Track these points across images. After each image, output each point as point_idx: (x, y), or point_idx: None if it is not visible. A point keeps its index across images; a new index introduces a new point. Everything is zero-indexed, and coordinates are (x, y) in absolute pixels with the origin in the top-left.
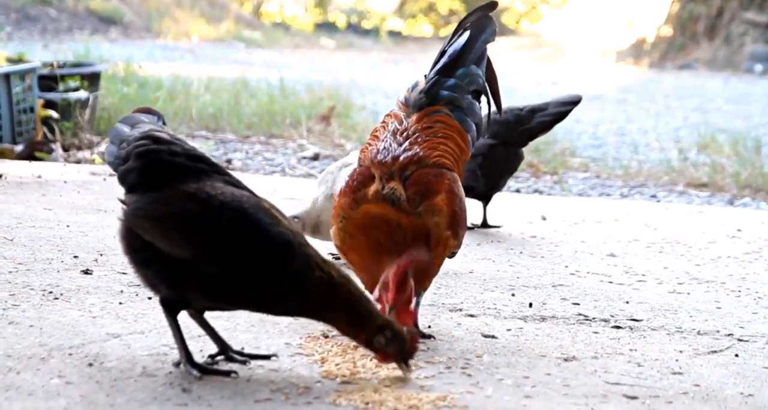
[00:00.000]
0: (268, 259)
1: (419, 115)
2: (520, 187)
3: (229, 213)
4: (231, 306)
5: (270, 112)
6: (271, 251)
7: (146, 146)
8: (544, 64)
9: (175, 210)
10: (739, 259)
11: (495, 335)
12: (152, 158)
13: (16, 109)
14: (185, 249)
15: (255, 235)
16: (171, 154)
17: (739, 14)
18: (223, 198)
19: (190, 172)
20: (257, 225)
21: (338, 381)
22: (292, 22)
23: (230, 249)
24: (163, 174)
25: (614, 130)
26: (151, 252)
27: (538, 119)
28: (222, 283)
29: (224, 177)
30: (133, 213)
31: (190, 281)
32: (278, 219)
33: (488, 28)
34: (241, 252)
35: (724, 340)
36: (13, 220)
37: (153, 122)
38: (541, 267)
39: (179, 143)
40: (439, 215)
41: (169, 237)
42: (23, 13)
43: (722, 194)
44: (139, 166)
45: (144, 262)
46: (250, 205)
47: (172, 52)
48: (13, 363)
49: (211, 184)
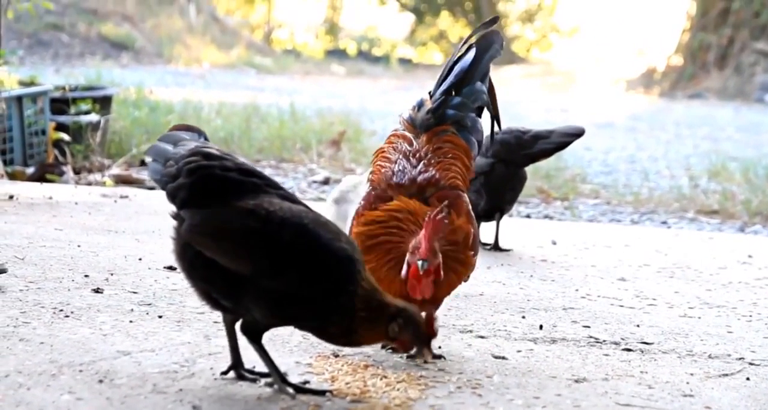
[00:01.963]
0: (329, 275)
1: (428, 135)
2: (530, 213)
3: (291, 229)
4: (292, 323)
5: (281, 136)
6: (334, 267)
7: (197, 162)
8: (555, 92)
9: (235, 227)
10: (750, 285)
11: (505, 356)
12: (204, 174)
13: (28, 131)
14: (247, 265)
15: (316, 251)
16: (223, 170)
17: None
18: (283, 214)
19: (244, 186)
20: (318, 240)
21: (348, 400)
22: (302, 49)
23: (292, 264)
24: (216, 189)
25: (625, 158)
26: (211, 268)
27: (540, 146)
28: (282, 299)
29: (278, 191)
30: (191, 229)
31: (252, 296)
32: (338, 234)
33: (494, 44)
34: (303, 268)
35: (735, 364)
36: (24, 240)
37: (195, 139)
38: (551, 291)
39: (230, 158)
40: (463, 236)
41: (231, 254)
42: (35, 38)
43: (733, 221)
44: (190, 182)
45: (203, 278)
46: (310, 220)
47: (184, 77)
48: (23, 379)
49: (269, 200)
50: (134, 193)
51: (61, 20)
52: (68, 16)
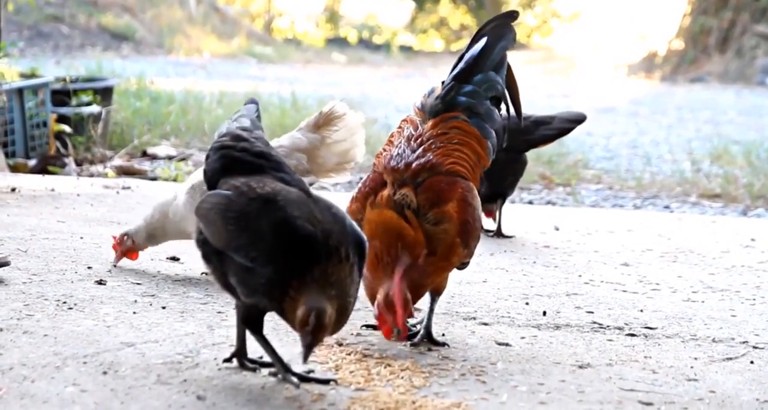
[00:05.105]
0: (289, 252)
1: (435, 121)
2: (533, 199)
3: (257, 204)
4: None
5: (282, 125)
6: (292, 244)
7: (222, 142)
8: (556, 77)
9: (218, 202)
10: (753, 268)
11: (509, 343)
12: (222, 153)
13: (29, 123)
14: (221, 239)
15: (278, 227)
16: (239, 151)
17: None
18: (261, 191)
19: (249, 167)
20: (283, 217)
21: (353, 389)
22: (303, 38)
23: (254, 239)
24: (227, 169)
25: (626, 143)
26: (208, 245)
27: (542, 132)
28: (246, 274)
29: (279, 174)
30: (198, 206)
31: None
32: (312, 214)
33: (507, 36)
34: (264, 243)
35: (739, 347)
36: (27, 232)
37: (250, 113)
38: (554, 277)
39: (253, 141)
40: (449, 222)
41: (211, 228)
42: (36, 29)
43: (735, 205)
44: (212, 159)
45: (205, 258)
46: (284, 197)
47: (184, 67)
48: (28, 372)
49: (260, 178)
50: (136, 183)
51: (61, 12)
52: (68, 8)
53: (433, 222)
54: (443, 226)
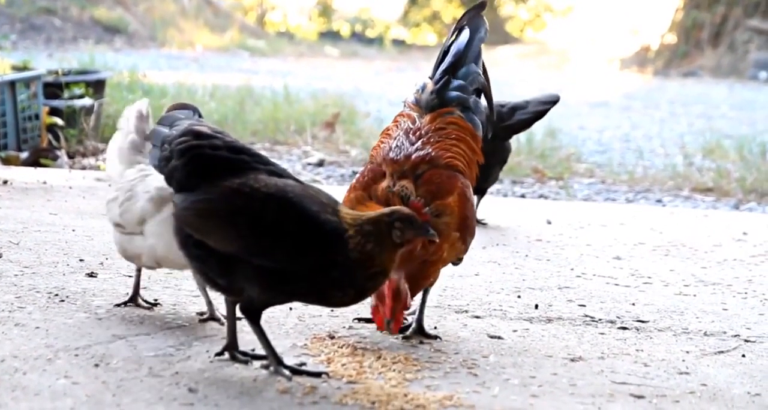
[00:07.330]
0: (317, 248)
1: (432, 115)
2: (525, 192)
3: (275, 205)
4: (289, 298)
5: (275, 119)
6: (320, 239)
7: (187, 142)
8: (549, 71)
9: (220, 207)
10: (745, 262)
11: (501, 336)
12: (194, 154)
13: (21, 116)
14: (233, 244)
15: (302, 225)
16: (212, 148)
17: (744, 21)
18: (267, 190)
19: (233, 165)
20: (303, 214)
21: (344, 381)
22: (296, 31)
23: (279, 241)
24: (206, 169)
25: (619, 136)
26: (204, 248)
27: (518, 117)
28: (275, 275)
29: (267, 167)
30: (181, 212)
31: (243, 275)
32: (324, 205)
33: (481, 27)
34: (290, 243)
35: (730, 341)
36: (19, 225)
37: (189, 117)
38: (546, 270)
39: (220, 136)
40: (450, 215)
41: (218, 235)
42: (28, 22)
43: (728, 199)
44: (182, 163)
45: (198, 259)
46: (295, 194)
47: (177, 61)
48: (19, 364)
49: (255, 177)
50: None
51: (54, 4)
52: (61, 0)
53: (434, 214)
54: (444, 219)
